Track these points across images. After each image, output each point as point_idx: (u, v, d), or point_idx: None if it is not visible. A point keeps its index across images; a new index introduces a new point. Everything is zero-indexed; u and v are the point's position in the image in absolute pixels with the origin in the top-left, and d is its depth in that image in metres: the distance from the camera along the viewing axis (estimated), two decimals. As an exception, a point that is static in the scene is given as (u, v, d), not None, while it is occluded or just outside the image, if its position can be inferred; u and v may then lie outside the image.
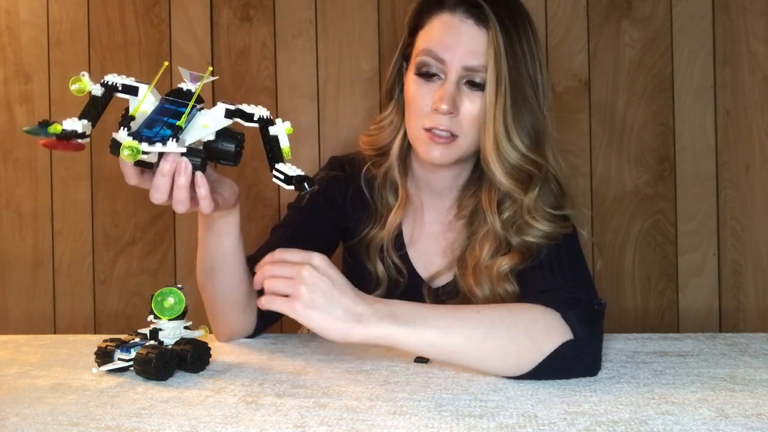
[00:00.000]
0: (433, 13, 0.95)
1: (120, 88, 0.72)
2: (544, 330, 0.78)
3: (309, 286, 0.72)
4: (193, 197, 0.74)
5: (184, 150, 0.70)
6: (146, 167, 0.72)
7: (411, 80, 0.96)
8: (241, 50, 1.73)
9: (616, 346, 0.94)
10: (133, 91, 0.72)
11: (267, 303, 0.74)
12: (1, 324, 1.79)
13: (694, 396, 0.72)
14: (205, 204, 0.74)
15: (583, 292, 0.85)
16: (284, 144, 0.71)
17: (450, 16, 0.93)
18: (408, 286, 1.05)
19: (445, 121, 0.92)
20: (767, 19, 1.64)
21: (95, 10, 1.76)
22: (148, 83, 0.73)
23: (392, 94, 1.05)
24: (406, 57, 1.01)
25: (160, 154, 0.70)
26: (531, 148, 0.92)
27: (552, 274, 0.90)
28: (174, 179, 0.71)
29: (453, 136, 0.93)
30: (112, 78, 0.72)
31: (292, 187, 0.69)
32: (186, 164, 0.70)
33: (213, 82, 1.70)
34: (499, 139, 0.90)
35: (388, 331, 0.73)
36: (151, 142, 0.67)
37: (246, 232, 1.68)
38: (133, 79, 0.73)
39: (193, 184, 0.72)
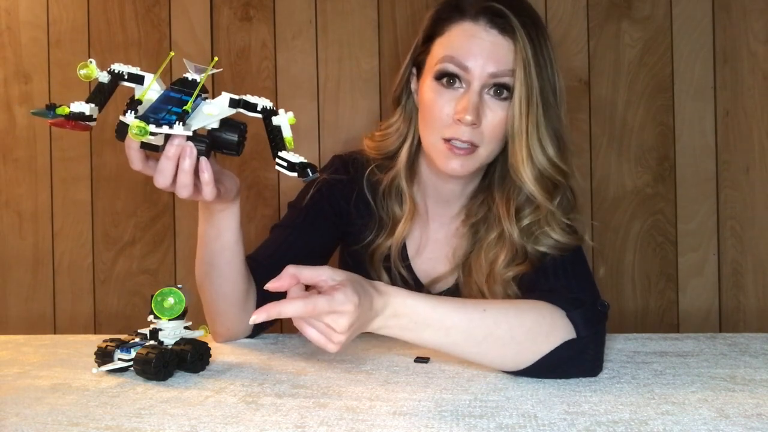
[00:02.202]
0: (453, 21, 0.93)
1: (126, 77, 0.74)
2: (547, 329, 0.78)
3: (342, 335, 0.69)
4: (196, 183, 0.74)
5: (190, 134, 0.71)
6: (152, 150, 0.73)
7: (428, 87, 0.94)
8: (241, 50, 1.73)
9: (616, 346, 0.94)
10: (138, 80, 0.74)
11: (303, 332, 0.71)
12: (1, 324, 1.79)
13: (694, 396, 0.72)
14: (208, 190, 0.75)
15: (587, 294, 0.85)
16: (287, 134, 0.72)
17: (472, 24, 0.92)
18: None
19: (467, 132, 0.91)
20: (767, 19, 1.64)
21: (95, 10, 1.76)
22: (154, 73, 0.74)
23: (400, 100, 1.03)
24: (418, 64, 1.00)
25: (166, 139, 0.71)
26: (558, 156, 0.92)
27: (555, 276, 0.90)
28: (179, 163, 0.72)
29: (473, 147, 0.92)
30: (118, 66, 0.74)
31: (295, 174, 0.69)
32: (191, 149, 0.72)
33: (213, 81, 1.71)
34: (532, 147, 0.90)
35: (388, 330, 0.74)
36: (159, 124, 0.68)
37: (246, 232, 1.68)
38: (138, 68, 0.75)
39: (197, 170, 0.73)
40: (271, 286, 0.69)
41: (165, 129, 0.69)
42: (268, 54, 1.73)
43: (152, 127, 0.68)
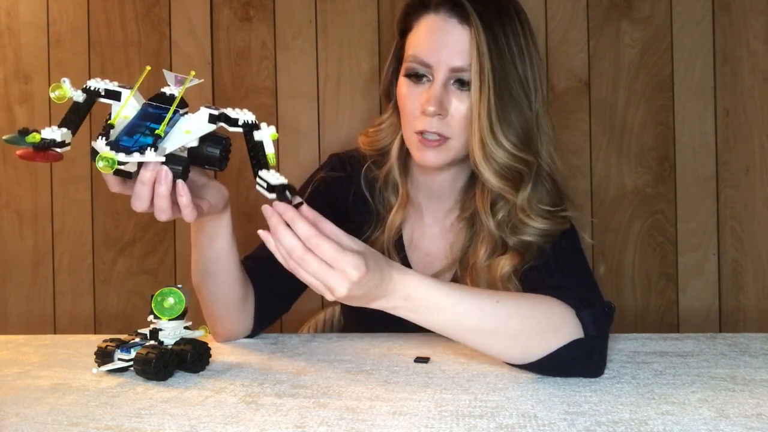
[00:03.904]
0: (419, 16, 0.95)
1: (103, 93, 0.71)
2: (557, 326, 0.77)
3: (344, 296, 0.70)
4: (176, 204, 0.73)
5: (163, 159, 0.68)
6: (125, 176, 0.71)
7: (402, 83, 0.96)
8: (241, 50, 1.73)
9: (616, 346, 0.94)
10: (116, 96, 0.71)
11: (298, 271, 0.70)
12: (1, 324, 1.79)
13: (694, 396, 0.72)
14: (187, 212, 0.73)
15: (592, 295, 0.85)
16: (269, 150, 0.70)
17: (434, 16, 0.93)
18: None
19: (434, 123, 0.92)
20: (767, 19, 1.64)
21: (95, 10, 1.76)
22: (132, 87, 0.71)
23: (390, 95, 1.04)
24: (399, 59, 1.01)
25: (140, 162, 0.69)
26: (519, 147, 0.91)
27: (560, 274, 0.90)
28: (154, 188, 0.70)
29: (444, 138, 0.93)
30: (94, 83, 0.71)
31: (273, 195, 0.68)
32: (166, 173, 0.69)
33: (213, 82, 1.71)
34: (484, 137, 0.89)
35: (399, 311, 0.75)
36: (129, 152, 0.66)
37: (246, 233, 1.69)
38: (116, 83, 0.72)
39: (174, 192, 0.72)
40: (285, 214, 0.69)
41: (136, 157, 0.66)
42: (268, 54, 1.73)
43: (122, 156, 0.65)
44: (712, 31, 1.65)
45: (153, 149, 0.67)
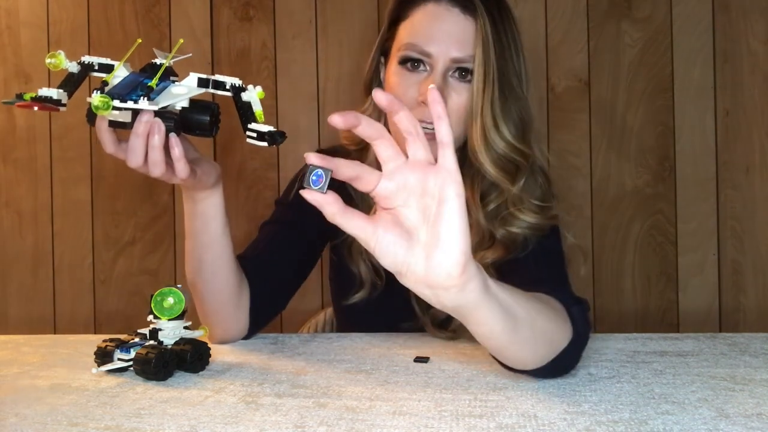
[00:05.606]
0: (417, 4, 0.94)
1: (96, 67, 0.75)
2: (559, 326, 0.76)
3: (455, 202, 0.58)
4: (170, 163, 0.74)
5: (156, 108, 0.71)
6: (121, 127, 0.74)
7: (393, 72, 0.94)
8: (241, 50, 1.73)
9: (616, 346, 0.94)
10: (109, 70, 0.75)
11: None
12: (1, 324, 1.79)
13: (694, 396, 0.72)
14: (180, 166, 0.75)
15: (568, 288, 0.85)
16: (257, 108, 0.73)
17: (435, 5, 0.92)
18: (388, 286, 1.03)
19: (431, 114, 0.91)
20: (767, 19, 1.64)
21: (95, 10, 1.76)
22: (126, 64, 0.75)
23: (370, 89, 1.04)
24: (384, 51, 0.99)
25: (134, 117, 0.72)
26: (518, 138, 0.91)
27: (538, 269, 0.89)
28: (148, 141, 0.72)
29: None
30: (89, 58, 0.75)
31: (265, 144, 0.71)
32: (159, 124, 0.72)
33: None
34: (487, 128, 0.89)
35: (479, 301, 0.59)
36: (123, 100, 0.69)
37: (246, 233, 1.69)
38: (109, 59, 0.76)
39: (167, 147, 0.73)
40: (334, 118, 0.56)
41: (130, 104, 0.70)
42: (268, 54, 1.73)
43: (116, 102, 0.69)
44: (712, 31, 1.65)
45: (145, 99, 0.70)
